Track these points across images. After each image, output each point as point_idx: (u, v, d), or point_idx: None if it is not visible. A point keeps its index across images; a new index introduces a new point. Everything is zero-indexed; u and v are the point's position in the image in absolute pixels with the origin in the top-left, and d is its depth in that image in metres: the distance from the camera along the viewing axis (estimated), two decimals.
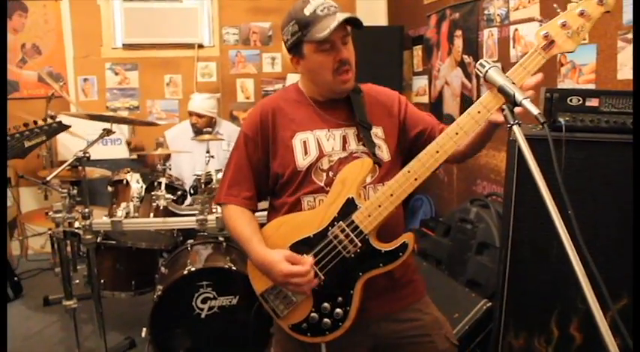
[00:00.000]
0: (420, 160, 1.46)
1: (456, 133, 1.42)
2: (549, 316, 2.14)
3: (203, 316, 2.79)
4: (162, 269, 3.06)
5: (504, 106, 1.21)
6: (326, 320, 1.54)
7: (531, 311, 2.18)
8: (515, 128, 1.17)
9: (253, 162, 1.65)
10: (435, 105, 4.55)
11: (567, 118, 2.00)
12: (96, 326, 2.87)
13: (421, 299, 1.72)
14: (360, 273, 1.52)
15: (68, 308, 2.89)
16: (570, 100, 2.03)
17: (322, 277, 1.53)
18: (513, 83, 1.24)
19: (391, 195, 1.48)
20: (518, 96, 1.19)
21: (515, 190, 2.12)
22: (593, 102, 2.03)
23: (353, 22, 1.54)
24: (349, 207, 1.52)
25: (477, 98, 4.07)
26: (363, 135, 1.61)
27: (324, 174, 1.58)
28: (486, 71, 1.30)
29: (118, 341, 3.25)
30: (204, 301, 2.78)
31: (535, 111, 1.15)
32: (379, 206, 1.49)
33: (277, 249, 1.56)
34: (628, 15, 2.58)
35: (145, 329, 2.80)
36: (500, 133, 2.70)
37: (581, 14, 1.33)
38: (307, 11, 1.53)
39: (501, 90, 1.24)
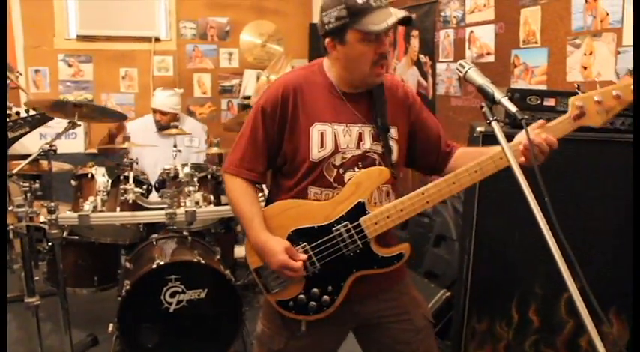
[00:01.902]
0: (436, 186, 1.55)
1: (475, 171, 1.52)
2: (510, 302, 2.29)
3: (172, 310, 2.78)
4: (127, 264, 3.03)
5: (483, 104, 1.32)
6: (312, 303, 1.63)
7: (493, 298, 2.33)
8: (494, 124, 1.28)
9: (268, 137, 1.64)
10: None
11: (527, 116, 2.14)
12: (56, 324, 2.82)
13: (402, 280, 1.80)
14: (354, 270, 1.61)
15: (30, 305, 2.82)
16: (530, 100, 2.19)
17: (318, 266, 1.61)
18: (492, 82, 1.34)
19: (401, 210, 1.56)
20: (497, 95, 1.30)
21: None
22: (550, 102, 2.19)
23: (407, 22, 1.55)
24: (359, 210, 1.59)
25: (433, 97, 4.22)
26: (382, 138, 1.64)
27: (335, 171, 1.62)
28: (466, 71, 1.40)
29: (80, 338, 3.19)
30: (172, 295, 2.78)
31: (513, 108, 1.26)
32: (388, 217, 1.57)
33: (280, 229, 1.62)
34: (576, 22, 2.78)
35: (111, 325, 2.77)
36: (460, 131, 2.85)
37: (616, 97, 1.45)
38: None
39: (480, 89, 1.35)
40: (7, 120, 2.02)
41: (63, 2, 4.93)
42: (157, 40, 5.16)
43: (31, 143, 3.48)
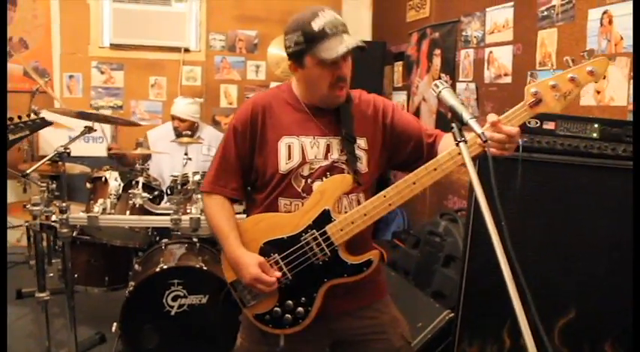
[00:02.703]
0: (396, 187, 1.55)
1: (434, 169, 1.52)
2: (502, 326, 2.25)
3: (173, 313, 2.85)
4: (136, 266, 3.12)
5: (453, 124, 1.32)
6: (288, 315, 1.65)
7: (486, 321, 2.29)
8: (462, 145, 1.29)
9: (241, 155, 1.71)
10: None
11: (525, 139, 2.13)
12: (67, 320, 2.91)
13: (382, 298, 1.81)
14: (325, 280, 1.63)
15: (40, 300, 2.93)
16: (529, 122, 2.16)
17: (290, 277, 1.64)
18: (462, 103, 1.35)
19: (365, 214, 1.58)
20: (465, 116, 1.31)
21: (474, 205, 2.24)
22: (549, 126, 2.16)
23: (361, 50, 1.59)
24: (324, 217, 1.61)
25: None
26: (347, 149, 1.68)
27: (303, 181, 1.66)
28: (440, 91, 1.42)
29: (89, 335, 3.28)
30: (174, 299, 2.85)
31: (479, 129, 1.27)
32: (352, 222, 1.59)
33: (252, 243, 1.66)
34: (591, 45, 2.74)
35: (115, 324, 2.86)
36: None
37: (572, 80, 1.40)
38: (315, 26, 1.57)
39: (451, 109, 1.36)
40: (10, 123, 2.12)
41: (99, 12, 5.12)
42: (187, 50, 5.29)
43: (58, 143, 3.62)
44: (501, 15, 3.47)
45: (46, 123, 2.30)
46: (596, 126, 2.15)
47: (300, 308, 1.64)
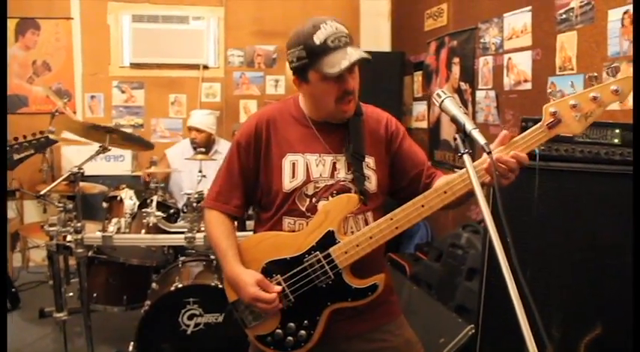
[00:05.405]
0: (404, 210, 1.49)
1: (445, 192, 1.45)
2: (523, 343, 2.15)
3: (189, 332, 2.81)
4: (154, 285, 3.10)
5: (456, 135, 1.26)
6: (290, 338, 1.59)
7: (508, 337, 2.19)
8: (465, 157, 1.22)
9: (244, 171, 1.66)
10: (433, 131, 4.60)
11: (542, 147, 2.04)
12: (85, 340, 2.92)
13: (395, 320, 1.73)
14: (329, 303, 1.57)
15: (59, 320, 2.95)
16: None
17: (292, 299, 1.58)
18: (465, 113, 1.29)
19: (370, 237, 1.52)
20: (468, 127, 1.24)
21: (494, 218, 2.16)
22: None
23: (366, 62, 1.52)
24: (328, 239, 1.55)
25: None
26: (355, 168, 1.61)
27: (308, 200, 1.60)
28: (442, 101, 1.35)
29: None
30: (190, 317, 2.81)
31: (482, 141, 1.20)
32: (357, 245, 1.53)
33: (254, 263, 1.60)
34: (613, 47, 2.64)
35: (132, 344, 2.84)
36: None
37: (594, 99, 1.32)
38: (317, 39, 1.50)
39: (453, 119, 1.29)
40: (15, 143, 2.14)
41: (119, 32, 5.21)
42: (206, 67, 5.34)
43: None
44: (519, 20, 3.38)
45: (50, 142, 2.32)
46: (617, 131, 2.05)
47: (302, 331, 1.58)
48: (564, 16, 2.97)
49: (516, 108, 3.45)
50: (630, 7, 2.51)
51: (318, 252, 1.55)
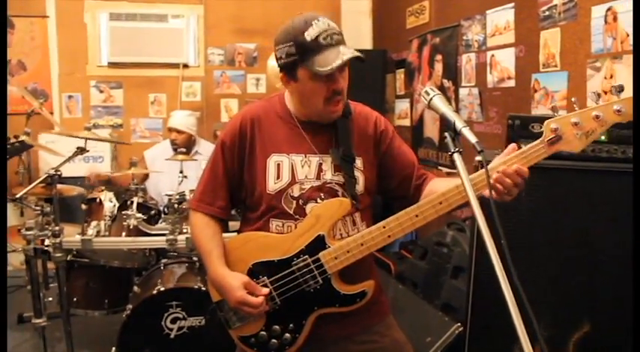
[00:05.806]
0: (397, 219, 1.46)
1: (440, 203, 1.42)
2: (512, 342, 2.13)
3: (172, 336, 2.76)
4: (135, 288, 3.03)
5: (446, 134, 1.22)
6: (274, 340, 1.56)
7: (496, 335, 2.18)
8: (456, 156, 1.19)
9: (228, 171, 1.62)
10: (416, 128, 4.59)
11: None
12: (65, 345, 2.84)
13: (383, 320, 1.70)
14: (316, 308, 1.54)
15: (38, 326, 2.86)
16: (532, 127, 2.07)
17: (278, 302, 1.55)
18: (455, 111, 1.26)
19: (362, 244, 1.49)
20: (458, 125, 1.21)
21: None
22: None
23: (360, 60, 1.48)
24: (318, 243, 1.52)
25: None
26: (345, 170, 1.57)
27: (294, 202, 1.56)
28: (431, 98, 1.31)
29: None
30: (173, 321, 2.76)
31: (473, 139, 1.17)
32: (348, 251, 1.49)
33: (240, 263, 1.56)
34: (596, 44, 2.64)
35: (113, 349, 2.78)
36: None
37: (596, 118, 1.30)
38: (308, 36, 1.45)
39: (443, 117, 1.26)
40: None
41: (96, 31, 5.10)
42: (186, 66, 5.26)
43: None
44: (502, 17, 3.38)
45: (25, 147, 2.24)
46: None
47: (287, 335, 1.55)
48: (547, 12, 2.97)
49: (500, 106, 3.45)
50: (613, 4, 2.51)
51: (307, 256, 1.52)
